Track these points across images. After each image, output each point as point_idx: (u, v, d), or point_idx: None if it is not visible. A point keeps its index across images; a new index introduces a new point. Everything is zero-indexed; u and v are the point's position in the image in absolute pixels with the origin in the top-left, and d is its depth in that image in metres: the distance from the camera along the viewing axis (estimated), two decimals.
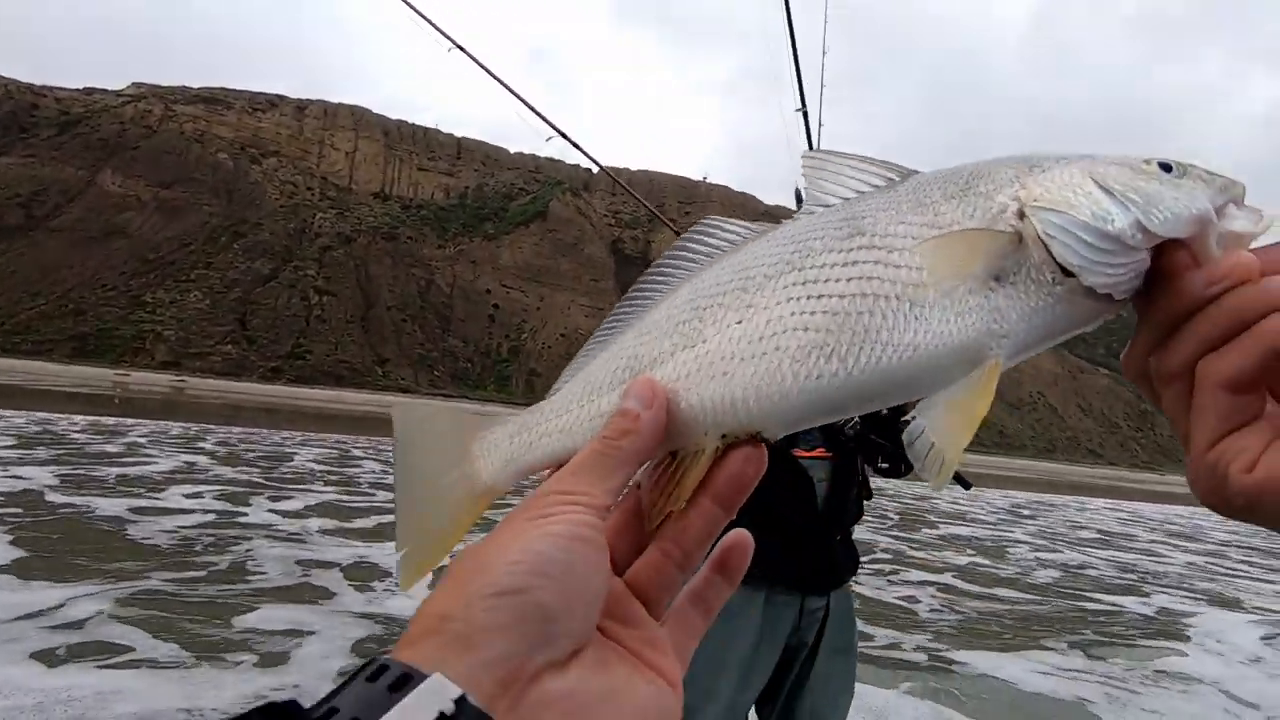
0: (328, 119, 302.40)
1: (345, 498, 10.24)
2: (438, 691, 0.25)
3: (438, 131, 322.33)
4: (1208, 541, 16.11)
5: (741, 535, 0.40)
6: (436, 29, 3.06)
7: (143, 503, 8.10)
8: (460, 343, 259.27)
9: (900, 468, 2.08)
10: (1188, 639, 6.56)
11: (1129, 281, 0.35)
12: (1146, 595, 8.64)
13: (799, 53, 2.63)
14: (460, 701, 0.25)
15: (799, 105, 2.58)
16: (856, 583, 7.30)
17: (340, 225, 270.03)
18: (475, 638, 0.27)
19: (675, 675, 0.35)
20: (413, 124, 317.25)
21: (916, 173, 0.42)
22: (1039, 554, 11.36)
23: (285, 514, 8.40)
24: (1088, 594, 8.33)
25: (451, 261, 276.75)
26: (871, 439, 2.04)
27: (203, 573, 5.55)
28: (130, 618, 4.39)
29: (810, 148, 2.53)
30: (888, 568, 8.51)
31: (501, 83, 2.89)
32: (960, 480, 2.20)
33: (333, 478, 12.47)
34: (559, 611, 0.29)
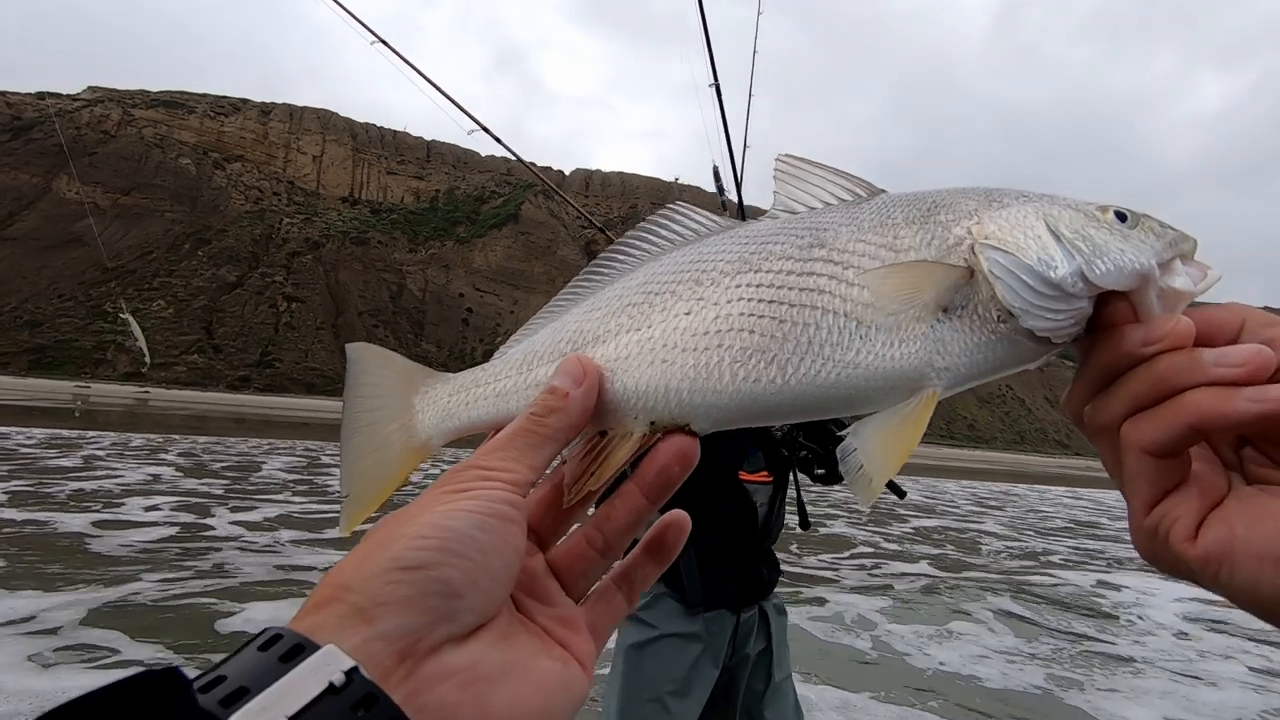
0: (294, 122, 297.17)
1: (318, 506, 10.01)
2: (329, 662, 0.25)
3: (407, 134, 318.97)
4: None
5: (679, 515, 0.39)
6: (359, 22, 3.00)
7: (104, 516, 7.82)
8: (434, 347, 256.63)
9: (838, 475, 2.08)
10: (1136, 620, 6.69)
11: (1069, 327, 0.35)
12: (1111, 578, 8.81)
13: (710, 32, 2.62)
14: (351, 673, 0.25)
15: (711, 81, 2.65)
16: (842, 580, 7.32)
17: (308, 230, 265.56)
18: (374, 610, 0.27)
19: (587, 654, 0.35)
20: (381, 127, 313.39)
21: (883, 192, 0.42)
22: (1008, 544, 11.53)
23: (250, 525, 8.17)
24: (1042, 571, 8.47)
25: (423, 265, 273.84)
26: (804, 445, 2.08)
27: (178, 581, 5.36)
28: (111, 624, 4.24)
29: (729, 143, 2.58)
30: (869, 561, 8.57)
31: (424, 76, 2.85)
32: (894, 489, 2.23)
33: (302, 487, 12.19)
34: (464, 587, 0.29)
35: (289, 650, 0.25)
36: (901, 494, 2.27)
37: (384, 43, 3.00)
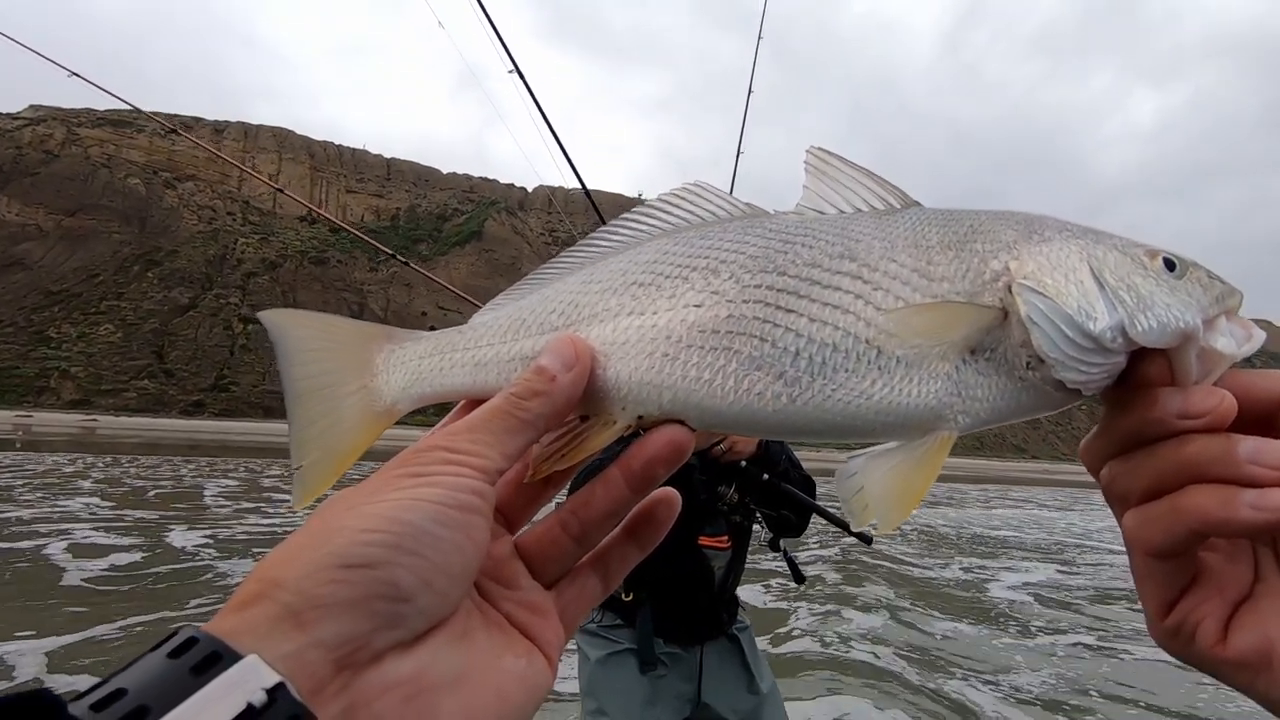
0: (249, 141, 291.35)
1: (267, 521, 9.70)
2: (249, 678, 0.21)
3: (366, 152, 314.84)
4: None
5: (669, 492, 0.37)
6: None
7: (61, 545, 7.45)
8: None
9: (784, 536, 2.14)
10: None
11: (1101, 381, 0.33)
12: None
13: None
14: (275, 690, 0.21)
15: (511, 68, 2.52)
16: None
17: (265, 250, 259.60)
18: (309, 614, 0.23)
19: (552, 642, 0.33)
20: (340, 145, 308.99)
21: (917, 205, 0.39)
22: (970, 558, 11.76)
23: (213, 542, 7.88)
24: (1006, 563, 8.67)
25: (385, 285, 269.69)
26: (757, 511, 2.08)
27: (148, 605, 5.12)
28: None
29: (542, 111, 2.41)
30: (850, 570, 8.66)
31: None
32: (862, 538, 2.26)
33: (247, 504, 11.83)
34: (414, 590, 0.26)
35: (204, 659, 0.21)
36: (868, 541, 2.28)
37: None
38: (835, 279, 0.35)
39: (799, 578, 2.39)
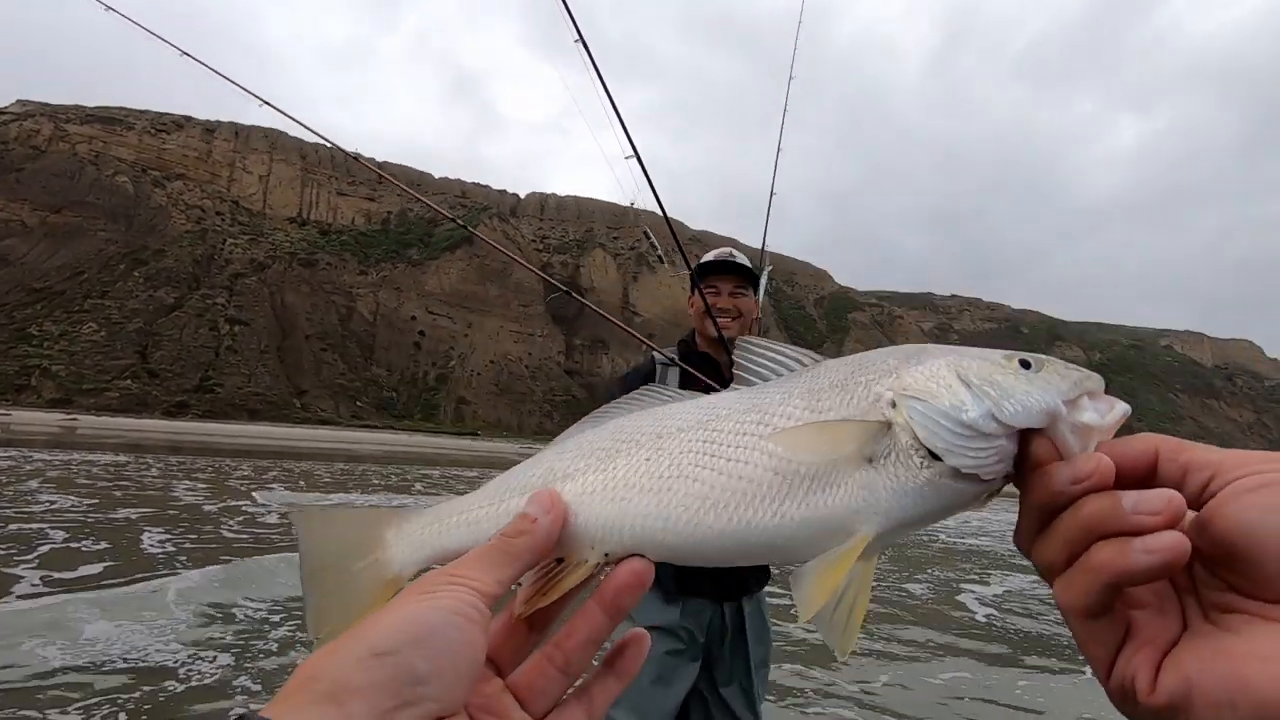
0: (239, 141, 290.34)
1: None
2: None
3: (359, 155, 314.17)
4: None
5: (639, 634, 0.42)
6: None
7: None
8: (385, 372, 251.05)
9: None
10: None
11: (993, 464, 0.38)
12: None
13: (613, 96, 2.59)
14: None
15: (629, 153, 2.63)
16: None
17: (253, 251, 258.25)
18: (342, 695, 0.28)
19: None
20: (331, 147, 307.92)
21: (824, 361, 0.47)
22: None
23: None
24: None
25: (374, 288, 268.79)
26: None
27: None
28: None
29: (655, 193, 2.60)
30: None
31: (203, 63, 2.75)
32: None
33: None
34: (429, 674, 0.31)
35: None
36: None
37: (122, 14, 2.89)
38: (745, 427, 0.43)
39: None
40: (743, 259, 2.45)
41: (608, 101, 2.56)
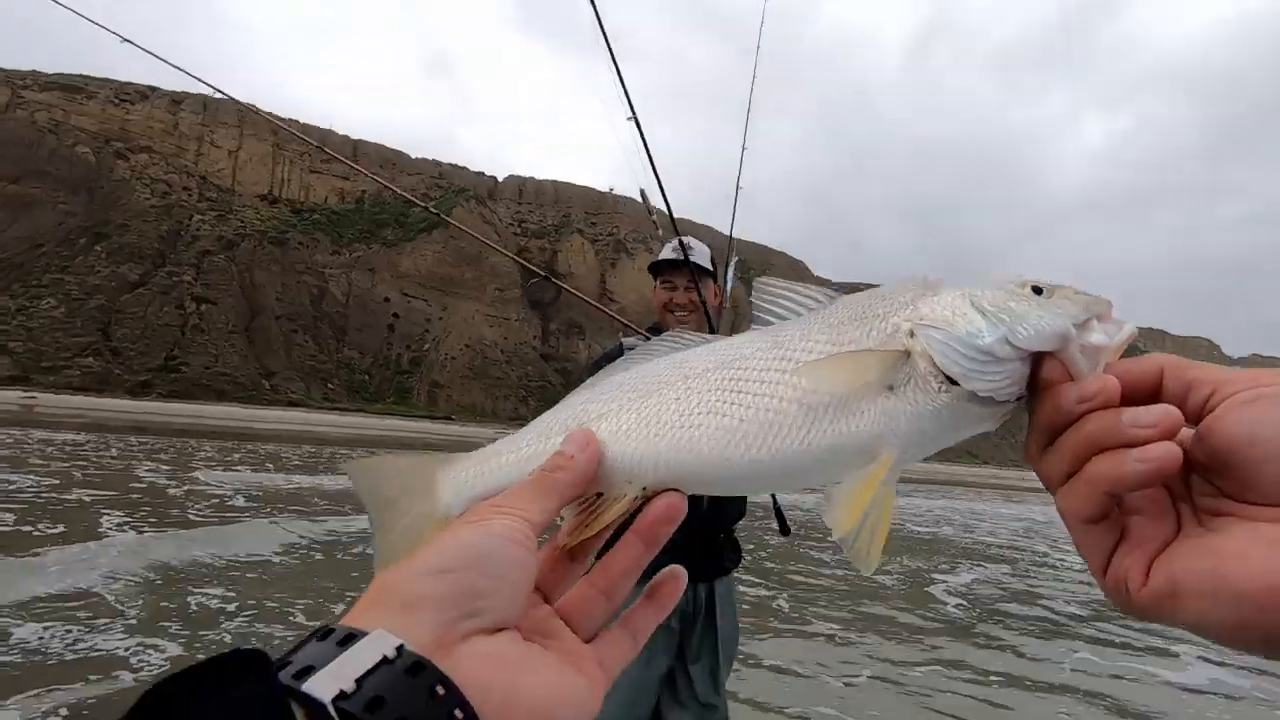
0: (208, 114, 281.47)
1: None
2: (380, 642, 0.30)
3: (332, 132, 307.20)
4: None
5: (676, 569, 0.45)
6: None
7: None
8: (357, 354, 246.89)
9: None
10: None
11: (1008, 387, 0.41)
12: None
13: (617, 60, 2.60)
14: (400, 648, 0.30)
15: (629, 114, 2.67)
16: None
17: (221, 229, 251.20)
18: (413, 603, 0.33)
19: (595, 678, 0.40)
20: (304, 123, 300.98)
21: (840, 297, 0.49)
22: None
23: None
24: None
25: (347, 269, 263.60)
26: None
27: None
28: None
29: (650, 156, 2.64)
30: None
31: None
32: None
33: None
34: (486, 589, 0.35)
35: (344, 637, 0.30)
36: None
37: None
38: (768, 363, 0.45)
39: (785, 529, 2.43)
40: (699, 252, 2.44)
41: (610, 62, 2.58)
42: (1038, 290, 0.43)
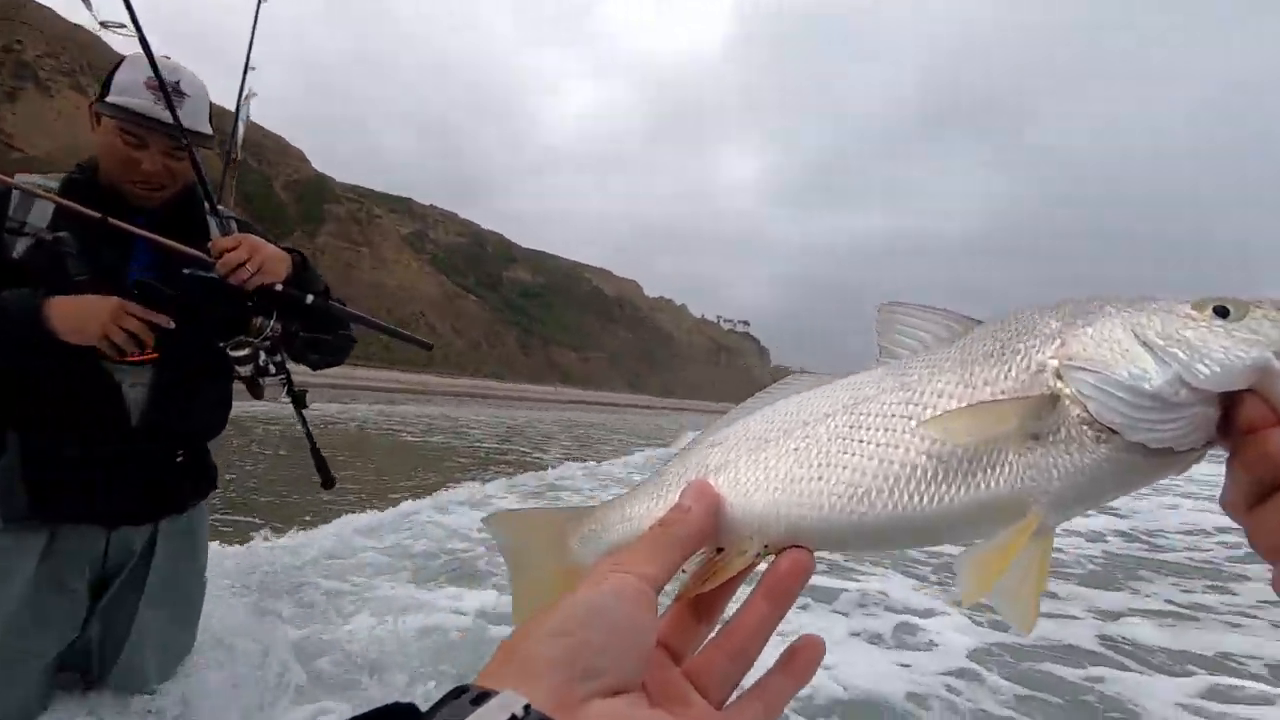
0: None
1: None
2: (509, 703, 0.30)
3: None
4: None
5: (813, 639, 0.43)
6: None
7: None
8: None
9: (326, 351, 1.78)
10: None
11: (1189, 435, 0.33)
12: None
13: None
14: (527, 708, 0.30)
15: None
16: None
17: None
18: (535, 666, 0.33)
19: None
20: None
21: (979, 324, 0.43)
22: None
23: None
24: None
25: None
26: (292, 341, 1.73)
27: None
28: None
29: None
30: None
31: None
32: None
33: None
34: (601, 649, 0.34)
35: (476, 697, 0.31)
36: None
37: None
38: (891, 408, 0.40)
39: (326, 480, 1.92)
40: (194, 100, 1.64)
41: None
42: (1223, 312, 0.35)
